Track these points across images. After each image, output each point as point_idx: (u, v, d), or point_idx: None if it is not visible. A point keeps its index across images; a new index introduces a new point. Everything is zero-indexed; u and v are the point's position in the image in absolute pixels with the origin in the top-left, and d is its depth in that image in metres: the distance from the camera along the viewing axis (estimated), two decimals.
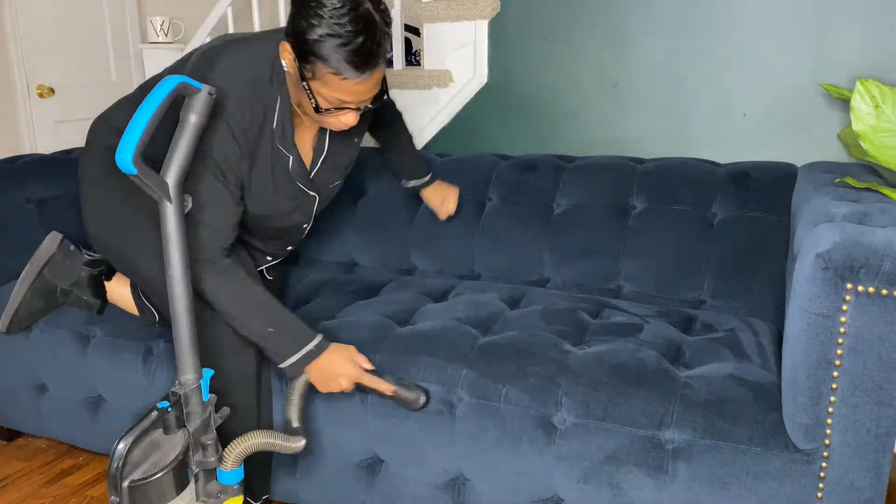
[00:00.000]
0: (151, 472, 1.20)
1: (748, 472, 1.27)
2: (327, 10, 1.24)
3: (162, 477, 1.19)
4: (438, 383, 1.49)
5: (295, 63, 1.33)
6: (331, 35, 1.24)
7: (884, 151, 1.54)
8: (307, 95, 1.35)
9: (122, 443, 1.17)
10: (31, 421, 2.00)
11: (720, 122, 2.09)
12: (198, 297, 1.40)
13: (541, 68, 2.29)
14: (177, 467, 1.22)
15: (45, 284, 1.81)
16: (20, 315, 1.82)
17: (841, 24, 1.91)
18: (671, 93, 2.13)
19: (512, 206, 2.05)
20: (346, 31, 1.24)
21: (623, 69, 2.18)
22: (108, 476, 1.17)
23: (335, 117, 1.39)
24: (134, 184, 1.22)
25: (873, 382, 1.16)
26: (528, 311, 1.70)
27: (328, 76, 1.29)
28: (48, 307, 1.86)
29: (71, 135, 3.01)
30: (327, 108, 1.36)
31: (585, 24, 2.20)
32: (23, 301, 1.81)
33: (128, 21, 3.29)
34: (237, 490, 1.32)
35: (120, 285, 1.83)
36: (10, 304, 1.81)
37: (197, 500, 1.30)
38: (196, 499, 1.30)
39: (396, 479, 1.56)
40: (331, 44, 1.25)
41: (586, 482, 1.38)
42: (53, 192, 2.22)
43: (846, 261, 1.12)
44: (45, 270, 1.79)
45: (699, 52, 2.08)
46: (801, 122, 2.00)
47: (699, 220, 1.87)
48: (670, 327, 1.62)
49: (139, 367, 1.77)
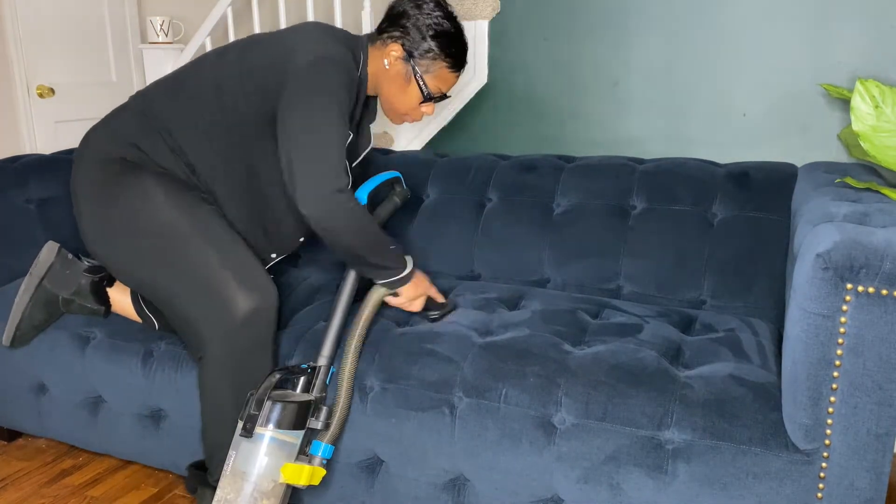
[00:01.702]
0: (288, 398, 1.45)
1: (748, 473, 1.27)
2: (441, 16, 1.59)
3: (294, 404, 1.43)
4: (438, 383, 1.49)
5: (405, 62, 1.59)
6: (451, 34, 1.60)
7: (884, 151, 1.54)
8: (418, 86, 1.61)
9: (278, 373, 1.45)
10: (31, 421, 2.00)
11: (720, 122, 2.09)
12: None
13: (541, 68, 2.29)
14: (300, 410, 1.44)
15: (47, 295, 1.79)
16: (23, 328, 1.81)
17: (841, 24, 1.91)
18: (671, 93, 2.13)
19: (512, 206, 2.05)
20: (457, 31, 1.61)
21: (623, 69, 2.18)
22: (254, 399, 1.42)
23: (424, 108, 1.67)
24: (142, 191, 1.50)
25: (873, 382, 1.16)
26: (528, 312, 1.70)
27: (442, 69, 1.61)
28: (50, 318, 1.84)
29: (71, 135, 3.01)
30: (437, 97, 1.64)
31: (585, 24, 2.20)
32: (24, 314, 1.79)
33: (128, 21, 3.29)
34: (320, 462, 1.48)
35: (120, 293, 1.82)
36: (12, 318, 1.80)
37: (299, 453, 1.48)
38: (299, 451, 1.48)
39: (396, 479, 1.56)
40: (449, 40, 1.59)
41: (586, 482, 1.38)
42: (53, 192, 2.22)
43: (846, 261, 1.12)
44: (45, 281, 1.78)
45: (699, 51, 2.08)
46: (801, 122, 2.00)
47: (699, 220, 1.87)
48: (670, 327, 1.62)
49: (139, 368, 1.77)
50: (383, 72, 1.62)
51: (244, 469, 1.41)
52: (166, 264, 1.57)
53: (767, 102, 2.02)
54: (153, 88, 1.68)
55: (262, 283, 1.57)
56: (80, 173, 1.66)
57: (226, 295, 1.53)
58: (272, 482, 1.42)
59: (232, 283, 1.53)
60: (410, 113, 1.67)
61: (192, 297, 1.56)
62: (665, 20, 2.09)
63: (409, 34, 1.58)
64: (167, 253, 1.57)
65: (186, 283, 1.56)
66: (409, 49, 1.59)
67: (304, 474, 1.43)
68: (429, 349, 1.54)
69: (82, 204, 1.65)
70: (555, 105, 2.29)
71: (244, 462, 1.41)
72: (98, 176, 1.61)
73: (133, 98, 1.70)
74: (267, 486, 1.41)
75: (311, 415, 1.48)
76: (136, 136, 1.62)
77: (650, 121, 2.17)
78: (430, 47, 1.59)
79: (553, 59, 2.26)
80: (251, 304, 1.52)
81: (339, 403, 1.52)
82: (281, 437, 1.42)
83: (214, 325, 1.54)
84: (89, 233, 1.64)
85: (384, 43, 1.61)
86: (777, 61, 1.99)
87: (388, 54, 1.60)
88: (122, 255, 1.62)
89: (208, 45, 2.96)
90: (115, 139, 1.63)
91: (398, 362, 1.55)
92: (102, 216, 1.61)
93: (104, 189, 1.60)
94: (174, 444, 1.80)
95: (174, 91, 1.64)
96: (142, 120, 1.63)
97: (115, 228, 1.60)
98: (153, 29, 3.16)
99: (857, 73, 1.91)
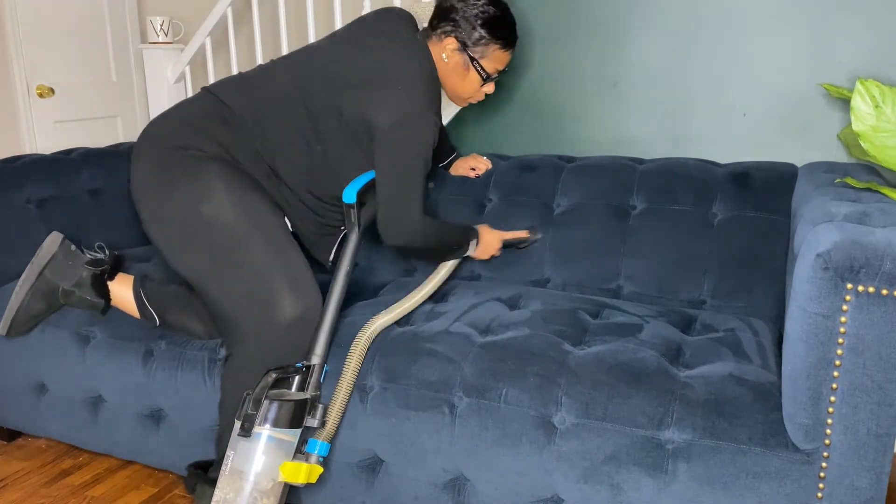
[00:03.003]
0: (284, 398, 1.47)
1: (748, 472, 1.27)
2: (485, 3, 1.70)
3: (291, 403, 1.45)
4: (438, 383, 1.49)
5: (461, 52, 1.72)
6: (497, 18, 1.71)
7: (884, 151, 1.54)
8: (477, 72, 1.74)
9: (275, 372, 1.47)
10: (31, 421, 2.00)
11: (720, 123, 2.09)
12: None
13: (541, 68, 2.29)
14: (297, 409, 1.46)
15: (47, 285, 1.79)
16: (20, 318, 1.81)
17: (841, 24, 1.91)
18: (671, 93, 2.13)
19: (512, 206, 2.05)
20: (503, 13, 1.73)
21: (623, 69, 2.18)
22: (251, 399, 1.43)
23: (485, 88, 1.80)
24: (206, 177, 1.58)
25: (873, 382, 1.16)
26: (528, 311, 1.70)
27: (496, 51, 1.74)
28: (48, 309, 1.84)
29: (71, 135, 3.01)
30: (494, 76, 1.78)
31: (585, 24, 2.20)
32: (23, 303, 1.79)
33: (128, 21, 3.29)
34: (316, 460, 1.49)
35: (121, 287, 1.82)
36: (10, 307, 1.80)
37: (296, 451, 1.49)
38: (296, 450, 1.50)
39: (396, 479, 1.56)
40: (497, 24, 1.71)
41: (586, 482, 1.38)
42: (53, 192, 2.22)
43: (846, 261, 1.12)
44: (47, 271, 1.78)
45: (699, 51, 2.08)
46: (801, 122, 2.00)
47: (699, 220, 1.87)
48: (670, 327, 1.62)
49: (139, 367, 1.77)
50: (443, 64, 1.74)
51: (243, 468, 1.41)
52: (218, 257, 1.58)
53: (767, 102, 2.02)
54: (233, 97, 1.69)
55: (311, 290, 1.59)
56: (145, 159, 1.66)
57: (273, 297, 1.55)
58: (271, 481, 1.42)
59: (282, 286, 1.55)
60: (474, 95, 1.82)
61: (238, 294, 1.57)
62: (665, 20, 2.09)
63: (460, 26, 1.70)
64: (220, 246, 1.58)
65: (235, 279, 1.57)
66: (463, 40, 1.71)
67: (302, 472, 1.43)
68: (429, 349, 1.54)
69: (145, 187, 1.64)
70: (555, 105, 2.29)
71: (243, 461, 1.41)
72: (165, 161, 1.62)
73: (207, 96, 1.70)
74: (266, 484, 1.42)
75: (308, 413, 1.49)
76: (228, 143, 1.64)
77: (650, 121, 2.17)
78: (481, 35, 1.71)
79: (553, 59, 2.25)
80: (298, 311, 1.55)
81: (338, 396, 1.52)
82: (278, 436, 1.42)
83: (256, 325, 1.56)
84: (147, 214, 1.64)
85: (439, 38, 1.73)
86: (777, 61, 1.98)
87: (445, 48, 1.72)
88: (174, 241, 1.62)
89: (208, 45, 2.95)
90: (196, 133, 1.64)
91: (398, 362, 1.55)
92: (162, 199, 1.61)
93: (165, 174, 1.61)
94: (174, 444, 1.80)
95: (262, 105, 1.67)
96: (229, 129, 1.65)
97: (172, 215, 1.60)
98: (153, 29, 3.16)
99: (857, 73, 1.90)
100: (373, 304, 1.80)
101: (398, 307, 1.69)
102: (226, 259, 1.57)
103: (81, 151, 2.40)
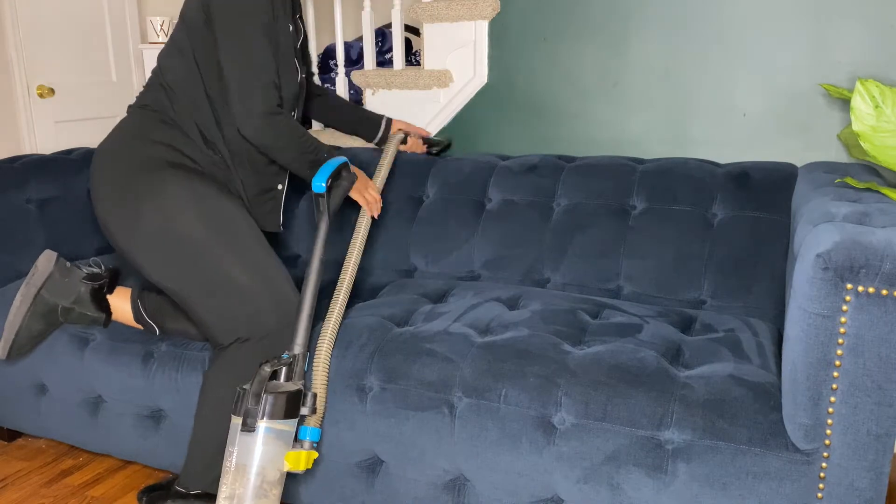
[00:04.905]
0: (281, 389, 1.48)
1: (748, 473, 1.27)
2: None
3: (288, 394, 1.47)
4: (438, 383, 1.49)
5: None
6: None
7: (884, 151, 1.54)
8: None
9: (268, 366, 1.46)
10: (31, 421, 2.00)
11: (720, 122, 2.09)
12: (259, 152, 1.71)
13: (541, 68, 2.28)
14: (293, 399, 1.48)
15: (45, 305, 1.77)
16: (20, 339, 1.78)
17: (841, 24, 1.90)
18: (671, 93, 2.13)
19: (512, 206, 2.05)
20: None
21: (623, 69, 2.18)
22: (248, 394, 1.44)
23: None
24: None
25: (873, 383, 1.16)
26: (528, 312, 1.70)
27: None
28: (48, 328, 1.83)
29: (71, 135, 3.01)
30: None
31: (585, 24, 2.20)
32: (22, 324, 1.77)
33: (128, 21, 3.29)
34: (310, 446, 1.52)
35: (121, 300, 1.82)
36: (9, 329, 1.77)
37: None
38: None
39: (396, 479, 1.57)
40: None
41: (586, 482, 1.38)
42: (53, 192, 2.22)
43: (846, 261, 1.12)
44: (44, 291, 1.76)
45: (699, 52, 2.08)
46: (801, 122, 2.00)
47: (699, 220, 1.87)
48: (670, 327, 1.62)
49: (139, 369, 1.77)
50: None
51: (248, 462, 1.44)
52: (191, 270, 1.60)
53: (767, 102, 2.02)
54: (150, 95, 1.74)
55: (289, 298, 1.62)
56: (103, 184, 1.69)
57: (253, 309, 1.58)
58: (277, 471, 1.46)
59: (261, 297, 1.59)
60: None
61: (215, 305, 1.60)
62: (665, 20, 2.09)
63: None
64: (191, 259, 1.60)
65: (209, 290, 1.60)
66: None
67: (303, 459, 1.48)
68: (428, 349, 1.54)
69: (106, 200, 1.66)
70: (555, 105, 2.28)
71: (247, 455, 1.44)
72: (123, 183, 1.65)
73: (134, 110, 1.75)
74: (273, 475, 1.45)
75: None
76: (170, 139, 1.67)
77: (650, 121, 2.17)
78: None
79: (553, 59, 2.25)
80: (276, 323, 1.59)
81: (317, 380, 1.55)
82: (279, 427, 1.46)
83: (235, 334, 1.60)
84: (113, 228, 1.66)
85: None
86: (777, 61, 1.98)
87: None
88: (144, 253, 1.63)
89: None
90: (142, 142, 1.68)
91: (397, 362, 1.55)
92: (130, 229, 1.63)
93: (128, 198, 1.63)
94: (174, 444, 1.80)
95: (166, 83, 1.71)
96: (165, 126, 1.69)
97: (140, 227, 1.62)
98: (153, 29, 3.16)
99: (857, 73, 1.90)
100: (372, 304, 1.80)
101: (343, 281, 1.67)
102: (203, 278, 1.60)
103: (81, 151, 2.40)
